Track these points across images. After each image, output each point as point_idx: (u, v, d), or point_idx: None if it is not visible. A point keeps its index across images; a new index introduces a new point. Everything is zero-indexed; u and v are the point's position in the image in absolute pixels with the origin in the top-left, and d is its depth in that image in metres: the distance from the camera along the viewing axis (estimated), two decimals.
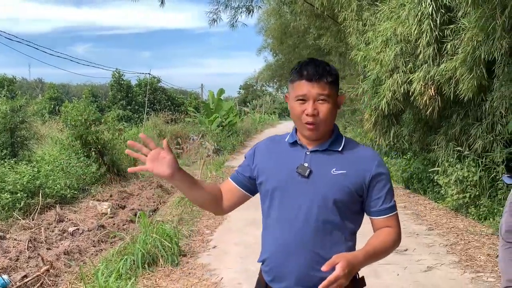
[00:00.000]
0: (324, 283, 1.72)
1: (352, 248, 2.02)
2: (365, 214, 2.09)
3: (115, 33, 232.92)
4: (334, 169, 1.96)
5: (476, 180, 7.64)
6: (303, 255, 1.93)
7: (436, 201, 9.17)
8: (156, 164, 1.92)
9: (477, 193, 7.68)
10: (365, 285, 2.08)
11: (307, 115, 1.94)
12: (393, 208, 2.04)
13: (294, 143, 2.06)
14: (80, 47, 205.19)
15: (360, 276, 2.07)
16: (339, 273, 1.71)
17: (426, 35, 7.56)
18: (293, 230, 1.96)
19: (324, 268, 1.72)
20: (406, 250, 6.22)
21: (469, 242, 6.50)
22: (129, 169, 1.96)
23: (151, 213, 9.51)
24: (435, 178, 8.87)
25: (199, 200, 2.12)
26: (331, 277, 1.71)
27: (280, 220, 2.01)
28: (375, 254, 1.94)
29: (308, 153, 2.01)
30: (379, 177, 1.99)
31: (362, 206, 2.03)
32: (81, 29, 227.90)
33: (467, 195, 7.76)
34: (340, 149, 2.02)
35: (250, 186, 2.16)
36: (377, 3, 9.52)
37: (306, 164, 1.98)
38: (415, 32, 7.73)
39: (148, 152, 1.94)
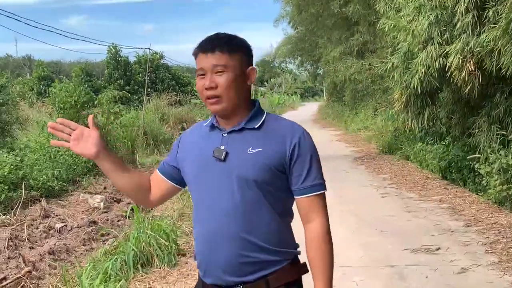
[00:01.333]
0: None
1: (283, 229, 2.13)
2: None
3: (114, 3, 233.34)
4: (250, 148, 2.06)
5: None
6: (230, 243, 2.04)
7: (477, 193, 9.12)
8: (80, 143, 2.10)
9: None
10: (307, 271, 2.17)
11: (206, 89, 2.06)
12: (318, 186, 2.11)
13: (212, 127, 2.18)
14: (74, 19, 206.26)
15: (302, 262, 2.17)
16: None
17: None
18: (216, 218, 2.06)
19: None
20: (438, 249, 6.22)
21: None
22: (52, 142, 2.19)
23: (151, 208, 9.62)
24: (476, 166, 8.81)
25: (126, 186, 2.25)
26: None
27: (203, 210, 2.12)
28: (329, 273, 2.09)
29: (224, 135, 2.12)
30: (300, 151, 2.07)
31: (288, 184, 2.12)
32: None
33: None
34: (257, 126, 2.11)
35: (177, 177, 2.27)
36: None
37: (222, 147, 2.09)
38: None
39: (71, 133, 2.11)
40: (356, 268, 5.67)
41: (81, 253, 7.28)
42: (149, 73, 27.95)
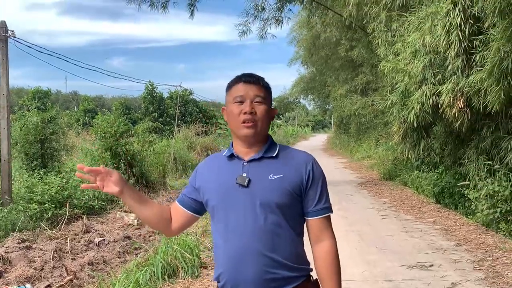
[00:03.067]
0: None
1: (301, 248, 2.12)
2: None
3: (151, 46, 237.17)
4: (271, 175, 2.06)
5: (507, 195, 7.48)
6: (255, 261, 2.01)
7: (466, 216, 9.00)
8: (105, 183, 2.12)
9: (508, 208, 7.50)
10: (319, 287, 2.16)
11: (245, 113, 2.06)
12: (328, 209, 2.14)
13: (231, 156, 2.16)
14: (116, 60, 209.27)
15: (314, 278, 2.15)
16: None
17: (454, 46, 7.50)
18: (242, 239, 2.04)
19: None
20: (431, 265, 6.13)
21: (497, 258, 6.37)
22: (82, 186, 2.18)
23: (172, 236, 9.65)
24: (466, 192, 8.72)
25: (149, 218, 2.23)
26: None
27: (228, 233, 2.08)
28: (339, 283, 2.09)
29: (245, 164, 2.11)
30: (314, 177, 2.10)
31: (302, 207, 2.12)
32: (117, 42, 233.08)
33: (498, 210, 7.60)
34: (275, 154, 2.13)
35: (196, 207, 2.25)
36: (406, 14, 9.48)
37: (244, 174, 2.08)
38: (444, 43, 7.67)
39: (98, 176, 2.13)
40: (359, 282, 5.60)
41: (116, 265, 7.28)
42: (179, 107, 28.16)
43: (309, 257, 2.14)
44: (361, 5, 11.92)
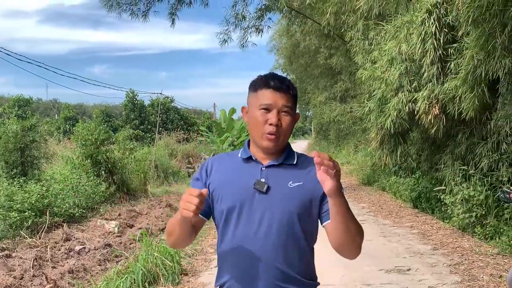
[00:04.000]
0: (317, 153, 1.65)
1: (312, 263, 2.01)
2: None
3: (132, 54, 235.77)
4: (291, 182, 1.94)
5: (482, 200, 7.57)
6: (266, 273, 1.89)
7: (443, 221, 9.09)
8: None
9: (483, 213, 7.60)
10: None
11: (270, 124, 1.92)
12: None
13: (248, 159, 2.02)
14: (97, 68, 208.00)
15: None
16: (331, 160, 1.66)
17: (430, 54, 7.59)
18: (254, 248, 1.90)
19: (313, 154, 1.66)
20: (408, 269, 6.17)
21: (473, 262, 6.44)
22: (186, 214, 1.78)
23: (159, 232, 9.58)
24: (442, 197, 8.81)
25: (189, 234, 1.99)
26: (324, 154, 1.67)
27: (239, 240, 1.94)
28: (349, 215, 1.85)
29: (263, 168, 1.97)
30: None
31: (317, 219, 1.98)
32: (98, 50, 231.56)
33: (473, 214, 7.69)
34: (294, 162, 2.00)
35: (207, 209, 2.02)
36: (382, 23, 9.58)
37: (263, 180, 1.94)
38: (419, 51, 7.76)
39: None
40: (338, 286, 5.61)
41: (97, 272, 7.19)
42: (160, 115, 28.05)
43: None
44: (339, 14, 12.04)
